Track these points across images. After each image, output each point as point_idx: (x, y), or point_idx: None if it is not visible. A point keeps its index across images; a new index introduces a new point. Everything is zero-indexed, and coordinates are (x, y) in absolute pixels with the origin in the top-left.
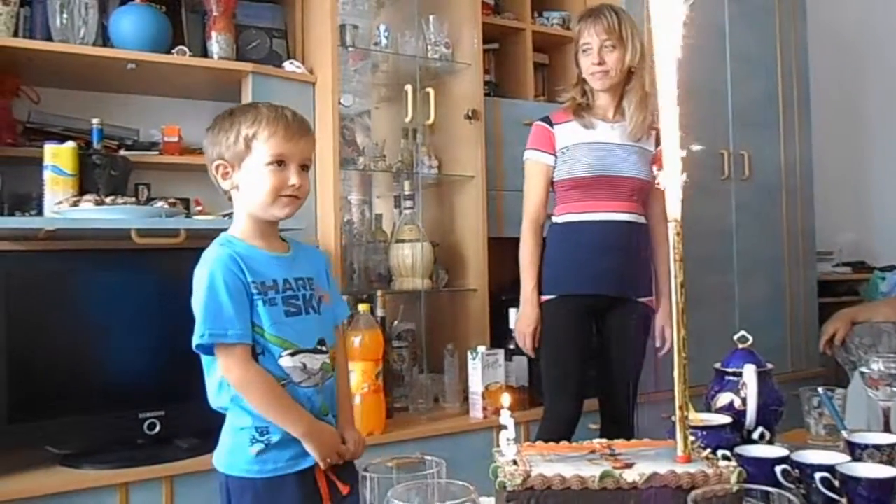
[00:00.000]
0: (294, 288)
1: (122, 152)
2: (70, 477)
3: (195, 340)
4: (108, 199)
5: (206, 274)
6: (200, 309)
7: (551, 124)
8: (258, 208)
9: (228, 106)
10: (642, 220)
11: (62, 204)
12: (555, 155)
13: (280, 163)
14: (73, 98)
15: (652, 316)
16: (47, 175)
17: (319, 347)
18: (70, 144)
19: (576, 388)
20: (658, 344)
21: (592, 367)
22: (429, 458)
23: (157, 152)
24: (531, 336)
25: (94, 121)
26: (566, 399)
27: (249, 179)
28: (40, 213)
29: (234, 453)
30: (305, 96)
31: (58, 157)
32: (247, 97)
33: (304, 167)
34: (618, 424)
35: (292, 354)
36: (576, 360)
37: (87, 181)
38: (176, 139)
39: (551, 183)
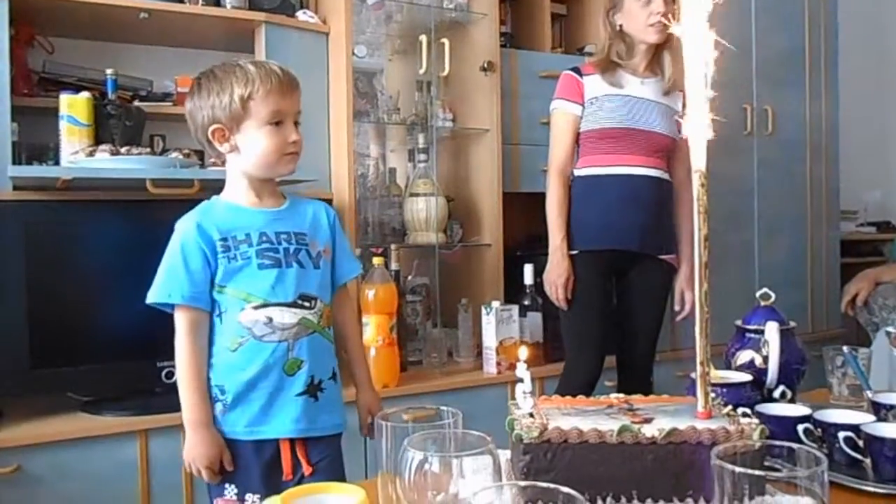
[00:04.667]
0: (273, 241)
1: (136, 103)
2: (91, 423)
3: (148, 298)
4: (123, 150)
5: (173, 238)
6: (159, 270)
7: (580, 74)
8: (260, 168)
9: (242, 56)
10: (667, 177)
11: (78, 154)
12: (583, 105)
13: (278, 122)
14: (87, 48)
15: (673, 274)
16: (63, 125)
17: (300, 302)
18: (85, 95)
19: (599, 343)
20: (678, 307)
21: (611, 323)
22: (444, 408)
23: (170, 103)
24: (563, 287)
25: (109, 71)
26: (589, 355)
27: (250, 140)
28: (57, 163)
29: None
30: (319, 47)
31: (73, 107)
32: (260, 47)
33: (297, 121)
34: (637, 380)
35: (256, 308)
36: (600, 315)
37: (102, 132)
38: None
39: (577, 134)
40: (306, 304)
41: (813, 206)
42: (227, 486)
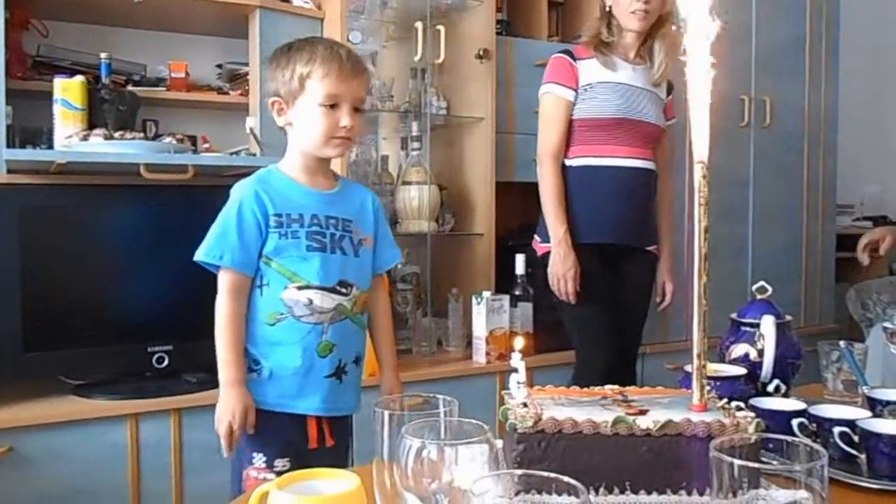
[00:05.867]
0: (323, 225)
1: (130, 88)
2: (82, 406)
3: (196, 255)
4: (116, 134)
5: (230, 200)
6: (212, 229)
7: (574, 58)
8: (310, 147)
9: (236, 42)
10: (653, 167)
11: (72, 138)
12: (576, 90)
13: (333, 105)
14: (82, 32)
15: (655, 264)
16: (57, 109)
17: (339, 288)
18: (79, 78)
19: (613, 331)
20: (658, 298)
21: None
22: (441, 396)
23: (164, 88)
24: (573, 280)
25: (103, 55)
26: (606, 346)
27: (302, 119)
28: (51, 146)
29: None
30: (313, 32)
31: (67, 91)
32: (254, 32)
33: (357, 109)
34: (622, 372)
35: (299, 288)
36: (600, 306)
37: (95, 116)
38: (183, 75)
39: (571, 122)
40: (343, 290)
41: (809, 199)
42: (254, 455)
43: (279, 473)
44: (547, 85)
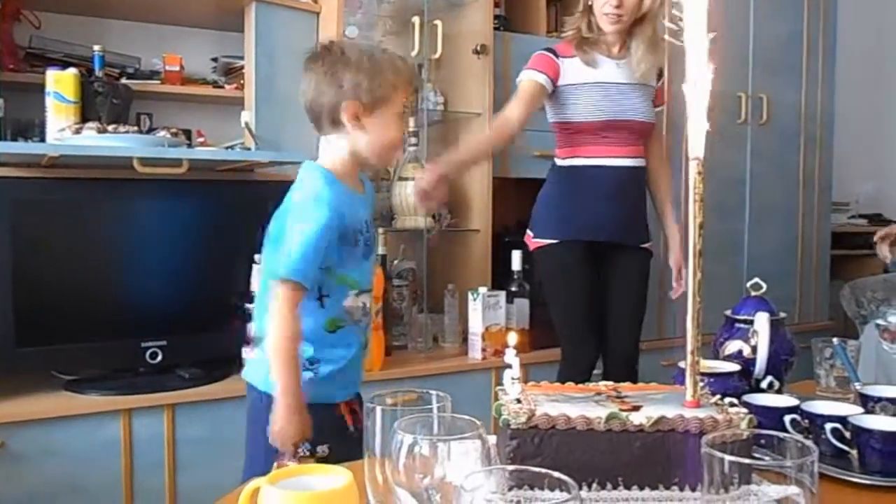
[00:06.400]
0: (367, 229)
1: (124, 81)
2: (74, 401)
3: (279, 270)
4: (110, 128)
5: (315, 214)
6: (295, 243)
7: (557, 56)
8: (376, 153)
9: (231, 36)
10: (643, 163)
11: (65, 131)
12: (554, 82)
13: (402, 113)
14: (75, 24)
15: (650, 262)
16: (49, 102)
17: (370, 288)
18: (72, 71)
19: (594, 328)
20: (675, 284)
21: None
22: (434, 392)
23: (158, 81)
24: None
25: (96, 48)
26: (587, 343)
27: (379, 127)
28: (43, 139)
29: (263, 365)
30: (308, 26)
31: (60, 83)
32: (250, 26)
33: None
34: (623, 370)
35: (357, 294)
36: (589, 300)
37: (88, 109)
38: (178, 68)
39: (557, 124)
40: (370, 288)
41: (805, 196)
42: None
43: (321, 459)
44: (526, 71)
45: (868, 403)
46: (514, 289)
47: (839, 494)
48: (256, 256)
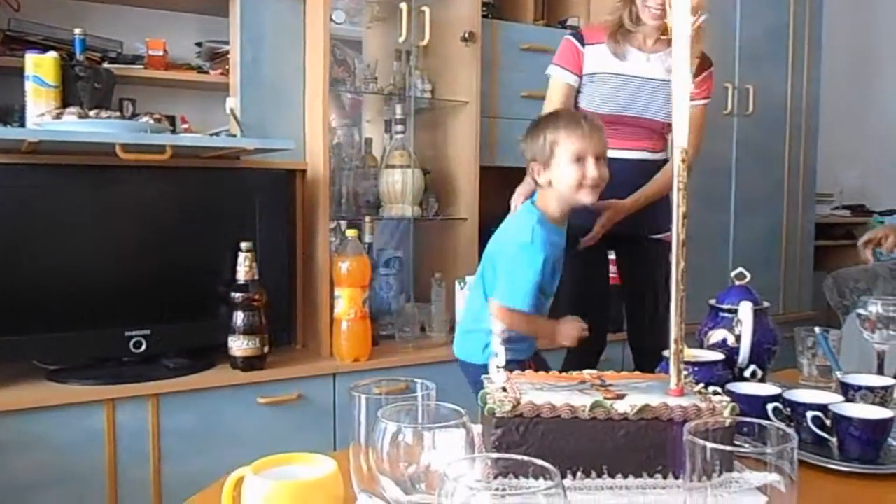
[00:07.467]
0: (562, 257)
1: (106, 65)
2: (57, 391)
3: (500, 300)
4: (91, 113)
5: (530, 254)
6: (515, 278)
7: (582, 43)
8: (564, 196)
9: (216, 20)
10: (659, 156)
11: (45, 116)
12: (580, 76)
13: (579, 159)
14: (55, 6)
15: (667, 252)
16: (29, 86)
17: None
18: (52, 54)
19: (603, 313)
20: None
21: (614, 304)
22: (419, 380)
23: (141, 66)
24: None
25: (77, 31)
26: (596, 327)
27: (556, 176)
28: (22, 124)
29: (475, 346)
30: (295, 11)
31: (39, 67)
32: (235, 10)
33: (599, 158)
34: (647, 358)
35: (547, 298)
36: (595, 290)
37: (69, 93)
38: (161, 53)
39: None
40: None
41: (789, 187)
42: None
43: None
44: (551, 66)
45: (848, 392)
46: None
47: (819, 481)
48: (242, 244)
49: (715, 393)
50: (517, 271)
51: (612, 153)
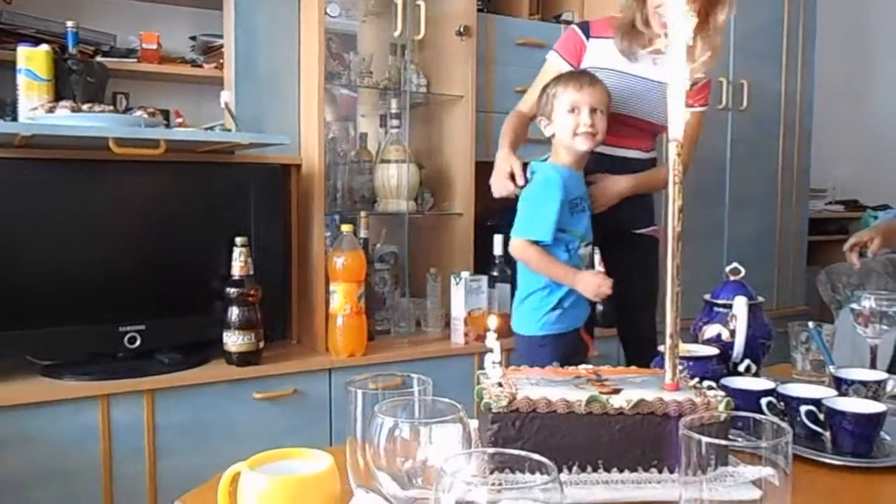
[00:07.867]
0: (585, 198)
1: (99, 58)
2: (51, 387)
3: (518, 234)
4: (84, 107)
5: (547, 187)
6: (534, 211)
7: (588, 35)
8: (566, 145)
9: (210, 14)
10: (649, 155)
11: (37, 110)
12: (575, 67)
13: (574, 109)
14: None
15: (654, 245)
16: (21, 79)
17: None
18: (44, 48)
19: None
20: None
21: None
22: (415, 375)
23: (134, 60)
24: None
25: (69, 24)
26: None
27: (557, 127)
28: (15, 118)
29: (530, 316)
30: (289, 4)
31: (31, 60)
32: (229, 3)
33: (595, 110)
34: (644, 354)
35: (586, 245)
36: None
37: (62, 87)
38: (155, 46)
39: None
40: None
41: (783, 183)
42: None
43: None
44: (551, 52)
45: (842, 386)
46: (495, 273)
47: (812, 475)
48: (237, 239)
49: (710, 387)
50: (536, 205)
51: (606, 149)
